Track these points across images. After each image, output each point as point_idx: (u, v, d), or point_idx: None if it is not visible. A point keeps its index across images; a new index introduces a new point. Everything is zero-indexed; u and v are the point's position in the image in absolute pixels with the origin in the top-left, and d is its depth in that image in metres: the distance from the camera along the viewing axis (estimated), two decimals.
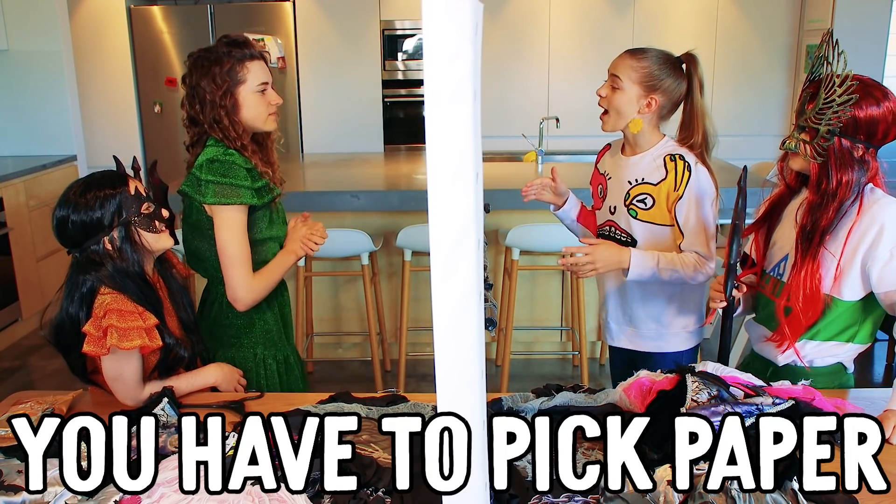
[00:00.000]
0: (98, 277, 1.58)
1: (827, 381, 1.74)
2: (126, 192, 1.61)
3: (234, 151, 1.85)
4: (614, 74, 1.92)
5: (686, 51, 1.93)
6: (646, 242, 1.95)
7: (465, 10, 0.65)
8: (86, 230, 1.58)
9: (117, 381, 1.60)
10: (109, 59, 5.67)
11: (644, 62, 1.89)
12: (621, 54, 1.94)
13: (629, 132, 1.95)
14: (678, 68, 1.91)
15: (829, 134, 1.57)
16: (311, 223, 2.02)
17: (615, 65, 1.93)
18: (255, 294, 1.89)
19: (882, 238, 1.58)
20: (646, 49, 1.92)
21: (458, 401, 0.77)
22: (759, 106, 5.70)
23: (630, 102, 1.91)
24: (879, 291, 1.61)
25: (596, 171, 2.15)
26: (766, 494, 1.16)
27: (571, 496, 1.26)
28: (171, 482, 1.24)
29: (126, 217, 1.60)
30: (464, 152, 0.69)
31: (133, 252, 1.61)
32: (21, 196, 4.38)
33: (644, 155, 1.95)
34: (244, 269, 1.85)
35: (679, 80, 1.90)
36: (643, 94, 1.90)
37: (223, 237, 1.84)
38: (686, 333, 2.04)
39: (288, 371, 2.06)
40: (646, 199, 1.92)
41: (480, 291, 0.75)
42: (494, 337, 3.82)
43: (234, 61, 1.83)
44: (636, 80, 1.89)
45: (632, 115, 1.92)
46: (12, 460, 1.34)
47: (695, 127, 1.91)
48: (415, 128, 5.91)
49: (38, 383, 3.80)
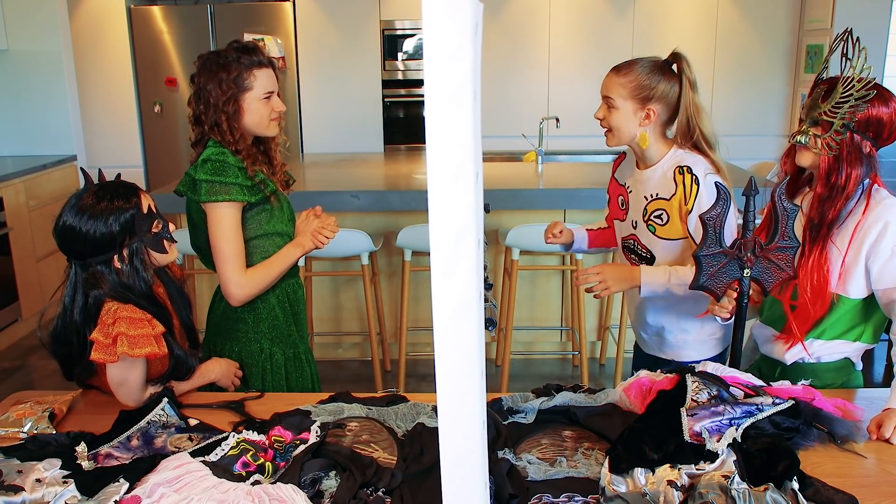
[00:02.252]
0: (104, 293, 1.57)
1: (835, 376, 1.75)
2: (139, 208, 1.60)
3: (228, 151, 1.88)
4: (606, 96, 1.90)
5: (672, 51, 1.90)
6: (665, 259, 1.93)
7: (465, 10, 0.65)
8: (95, 245, 1.56)
9: (122, 387, 1.60)
10: (109, 59, 5.67)
11: (630, 76, 1.87)
12: (608, 74, 1.92)
13: (638, 147, 1.93)
14: (668, 71, 1.88)
15: (843, 128, 1.60)
16: (323, 217, 2.04)
17: (604, 86, 1.91)
18: (246, 290, 1.90)
19: (885, 235, 1.61)
20: (630, 62, 1.90)
21: (458, 401, 0.77)
22: (759, 106, 5.70)
23: (628, 119, 1.88)
24: (878, 288, 1.63)
25: (614, 181, 2.12)
26: (766, 494, 1.16)
27: (571, 496, 1.26)
28: (171, 482, 1.24)
29: (137, 237, 1.59)
30: (464, 152, 0.68)
31: (143, 271, 1.60)
32: (21, 196, 4.38)
33: (655, 168, 1.93)
34: (235, 265, 1.87)
35: (672, 82, 1.87)
36: (639, 108, 1.87)
37: (215, 233, 1.86)
38: (713, 340, 2.01)
39: (298, 368, 2.07)
40: (661, 214, 1.90)
41: (480, 291, 0.75)
42: (494, 337, 3.82)
43: (242, 68, 1.86)
44: (628, 96, 1.87)
45: (633, 130, 1.90)
46: (12, 460, 1.34)
47: (692, 126, 1.88)
48: (415, 128, 5.91)
49: (38, 383, 3.80)
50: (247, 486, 1.23)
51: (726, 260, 1.64)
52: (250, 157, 1.91)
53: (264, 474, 1.30)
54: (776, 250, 1.62)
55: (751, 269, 1.63)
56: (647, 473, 1.24)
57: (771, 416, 1.42)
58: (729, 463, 1.26)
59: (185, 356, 1.66)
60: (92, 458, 1.38)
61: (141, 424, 1.50)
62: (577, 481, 1.31)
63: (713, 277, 1.64)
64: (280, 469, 1.32)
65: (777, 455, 1.28)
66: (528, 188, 3.59)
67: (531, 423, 1.52)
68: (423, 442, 1.40)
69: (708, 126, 1.90)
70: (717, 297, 1.67)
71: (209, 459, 1.32)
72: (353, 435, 1.48)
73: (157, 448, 1.43)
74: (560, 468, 1.34)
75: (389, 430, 1.49)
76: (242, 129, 1.90)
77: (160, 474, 1.27)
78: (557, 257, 3.71)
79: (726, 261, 1.64)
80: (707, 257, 1.63)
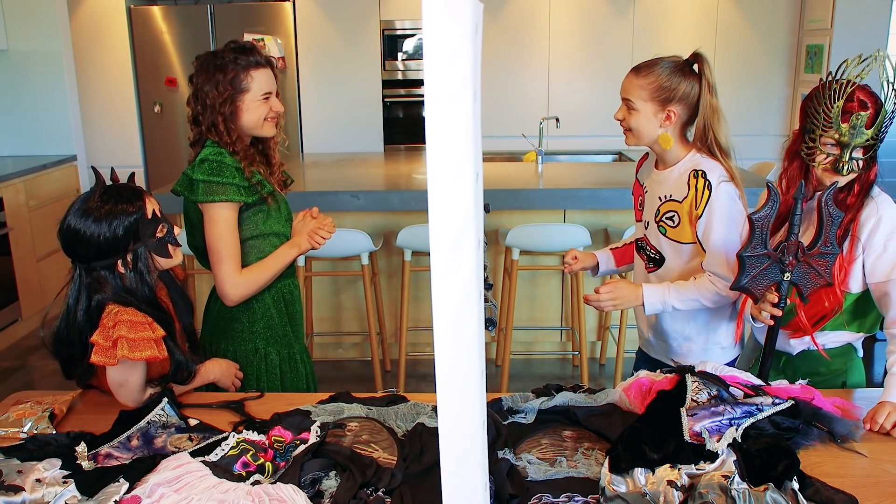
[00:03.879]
0: (107, 297, 1.57)
1: (839, 362, 1.79)
2: (144, 213, 1.59)
3: (226, 151, 1.88)
4: (626, 98, 1.88)
5: (693, 51, 1.87)
6: (673, 261, 1.93)
7: (465, 10, 0.65)
8: (99, 249, 1.56)
9: (122, 388, 1.60)
10: (109, 59, 5.67)
11: (650, 77, 1.84)
12: (627, 75, 1.89)
13: (659, 148, 1.91)
14: (689, 72, 1.86)
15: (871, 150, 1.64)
16: (320, 217, 2.03)
17: (624, 87, 1.89)
18: (241, 290, 1.90)
19: (878, 230, 1.65)
20: (650, 62, 1.87)
21: (458, 401, 0.77)
22: (759, 106, 5.70)
23: (648, 121, 1.86)
24: (871, 282, 1.68)
25: (637, 182, 2.11)
26: (766, 494, 1.16)
27: (571, 496, 1.26)
28: (171, 482, 1.24)
29: (141, 242, 1.59)
30: (464, 152, 0.69)
31: (147, 275, 1.60)
32: (21, 196, 4.38)
33: (672, 170, 1.91)
34: (230, 265, 1.87)
35: (692, 83, 1.85)
36: (659, 109, 1.85)
37: (210, 233, 1.86)
38: (720, 350, 2.00)
39: (293, 368, 2.07)
40: (673, 216, 1.89)
41: (480, 291, 0.75)
42: (494, 337, 3.82)
43: (239, 69, 1.85)
44: (648, 98, 1.84)
45: (653, 132, 1.88)
46: (12, 460, 1.34)
47: (707, 129, 1.86)
48: (415, 128, 5.91)
49: (38, 383, 3.80)
50: (247, 486, 1.23)
51: (769, 262, 1.62)
52: (248, 157, 1.90)
53: (264, 474, 1.30)
54: (817, 256, 1.61)
55: (791, 274, 1.62)
56: (647, 473, 1.24)
57: (771, 416, 1.42)
58: (729, 463, 1.26)
59: (185, 361, 1.66)
60: (92, 458, 1.38)
61: (141, 424, 1.50)
62: (577, 481, 1.31)
63: (755, 279, 1.63)
64: (280, 469, 1.32)
65: (777, 455, 1.28)
66: (528, 188, 3.59)
67: (531, 423, 1.52)
68: (423, 442, 1.40)
69: (723, 132, 1.88)
70: (756, 298, 1.67)
71: (209, 459, 1.32)
72: (353, 435, 1.48)
73: (157, 448, 1.43)
74: (560, 468, 1.34)
75: (389, 430, 1.49)
76: (240, 130, 1.90)
77: (160, 474, 1.27)
78: (557, 257, 3.71)
79: (769, 263, 1.62)
80: (751, 258, 1.62)
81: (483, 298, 0.78)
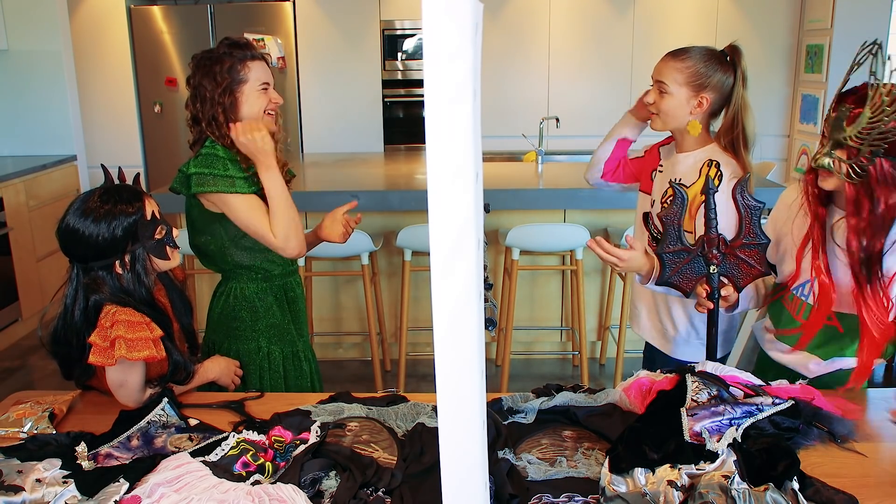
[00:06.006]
0: (104, 297, 1.57)
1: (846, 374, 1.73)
2: (143, 214, 1.59)
3: (220, 146, 1.88)
4: (659, 80, 1.87)
5: (730, 43, 1.87)
6: None
7: (465, 10, 0.65)
8: (97, 249, 1.56)
9: (122, 388, 1.60)
10: (109, 59, 5.67)
11: (688, 62, 1.84)
12: (663, 58, 1.88)
13: (689, 135, 1.91)
14: (724, 62, 1.86)
15: (871, 155, 1.47)
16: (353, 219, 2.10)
17: (659, 70, 1.88)
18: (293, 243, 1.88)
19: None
20: (687, 48, 1.87)
21: (458, 401, 0.77)
22: (759, 106, 5.66)
23: (680, 105, 1.86)
24: None
25: (657, 152, 2.07)
26: (766, 494, 1.16)
27: (571, 496, 1.26)
28: (171, 482, 1.24)
29: (140, 243, 1.59)
30: (464, 152, 0.69)
31: (144, 276, 1.60)
32: (21, 196, 4.38)
33: (689, 155, 1.92)
34: (270, 238, 1.88)
35: (727, 73, 1.84)
36: (693, 95, 1.85)
37: (238, 221, 1.87)
38: (699, 343, 1.98)
39: (296, 366, 2.07)
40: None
41: (480, 291, 0.75)
42: (494, 337, 3.82)
43: (235, 60, 1.87)
44: (683, 82, 1.84)
45: (683, 117, 1.88)
46: (12, 460, 1.34)
47: (737, 121, 1.85)
48: (415, 128, 5.91)
49: (38, 383, 3.80)
50: (247, 486, 1.23)
51: (689, 257, 1.68)
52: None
53: (264, 474, 1.30)
54: (742, 247, 1.64)
55: (717, 266, 1.66)
56: (647, 473, 1.24)
57: (771, 416, 1.42)
58: (729, 463, 1.26)
59: (183, 361, 1.66)
60: (92, 458, 1.38)
61: (141, 424, 1.50)
62: (577, 481, 1.31)
63: (678, 273, 1.70)
64: (280, 469, 1.32)
65: (777, 455, 1.28)
66: (528, 188, 3.59)
67: (531, 423, 1.52)
68: (423, 442, 1.40)
69: (751, 125, 1.87)
70: (686, 293, 1.71)
71: (209, 459, 1.32)
72: (353, 435, 1.48)
73: (157, 448, 1.43)
74: (560, 468, 1.34)
75: (389, 430, 1.49)
76: (239, 122, 1.89)
77: (160, 474, 1.27)
78: (557, 257, 3.71)
79: (689, 257, 1.68)
80: (668, 255, 1.69)
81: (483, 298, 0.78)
